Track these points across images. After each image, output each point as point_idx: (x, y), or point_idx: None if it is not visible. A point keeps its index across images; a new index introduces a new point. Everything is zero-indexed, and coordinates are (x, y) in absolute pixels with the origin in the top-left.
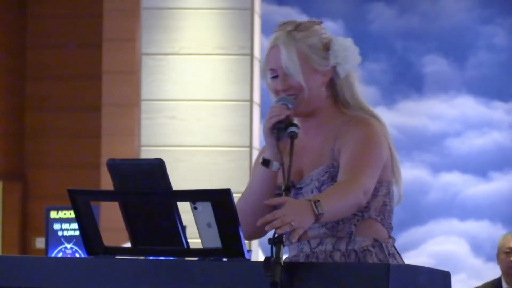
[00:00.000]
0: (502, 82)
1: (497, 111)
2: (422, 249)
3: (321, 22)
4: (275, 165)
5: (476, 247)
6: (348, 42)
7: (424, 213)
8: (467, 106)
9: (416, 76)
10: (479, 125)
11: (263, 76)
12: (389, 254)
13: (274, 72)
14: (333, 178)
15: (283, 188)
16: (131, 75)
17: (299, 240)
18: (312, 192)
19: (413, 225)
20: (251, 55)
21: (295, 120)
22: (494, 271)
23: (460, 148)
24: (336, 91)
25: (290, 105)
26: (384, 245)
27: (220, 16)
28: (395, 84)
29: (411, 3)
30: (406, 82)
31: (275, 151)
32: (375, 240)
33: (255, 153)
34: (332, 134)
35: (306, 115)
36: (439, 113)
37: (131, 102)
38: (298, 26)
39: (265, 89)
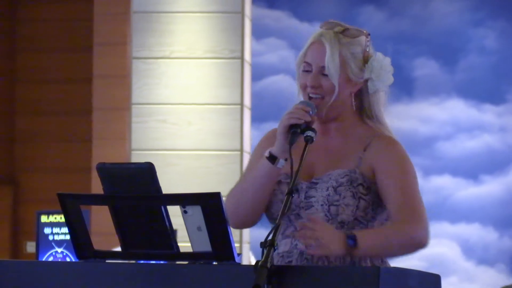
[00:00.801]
0: (493, 85)
1: (487, 114)
2: None
3: (368, 34)
4: (281, 162)
5: (467, 250)
6: (387, 61)
7: None
8: (457, 109)
9: (406, 79)
10: (470, 128)
11: (297, 67)
12: (382, 261)
13: (308, 66)
14: (351, 183)
15: (286, 191)
16: (122, 79)
17: (296, 236)
18: (327, 190)
19: None
20: (242, 58)
21: (314, 124)
22: (485, 274)
23: (450, 151)
24: (362, 103)
25: (311, 111)
26: None
27: (210, 19)
28: None
29: (402, 6)
30: (397, 85)
31: (283, 148)
32: None
33: (246, 157)
34: (360, 142)
35: (326, 119)
36: (430, 116)
37: (122, 106)
38: (345, 31)
39: (256, 92)
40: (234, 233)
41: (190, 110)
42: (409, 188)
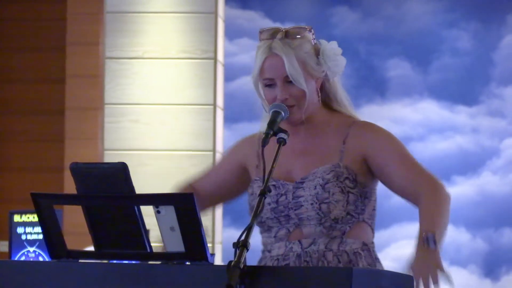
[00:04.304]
0: (466, 86)
1: (460, 115)
2: (385, 253)
3: (311, 29)
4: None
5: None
6: (334, 45)
7: (387, 217)
8: (430, 110)
9: (379, 80)
10: (443, 129)
11: (255, 85)
12: (375, 258)
13: (270, 81)
14: (338, 178)
15: (258, 192)
16: (95, 78)
17: (290, 238)
18: (315, 188)
19: (376, 229)
20: (215, 59)
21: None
22: (457, 275)
23: (423, 152)
24: (326, 93)
25: (283, 113)
26: (371, 249)
27: (183, 20)
28: (358, 88)
29: (375, 7)
30: (370, 86)
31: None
32: (364, 244)
33: (219, 157)
34: (337, 135)
35: (300, 122)
36: (403, 117)
37: (95, 106)
38: (288, 33)
39: (229, 93)
40: (206, 233)
41: (163, 110)
42: (408, 160)
